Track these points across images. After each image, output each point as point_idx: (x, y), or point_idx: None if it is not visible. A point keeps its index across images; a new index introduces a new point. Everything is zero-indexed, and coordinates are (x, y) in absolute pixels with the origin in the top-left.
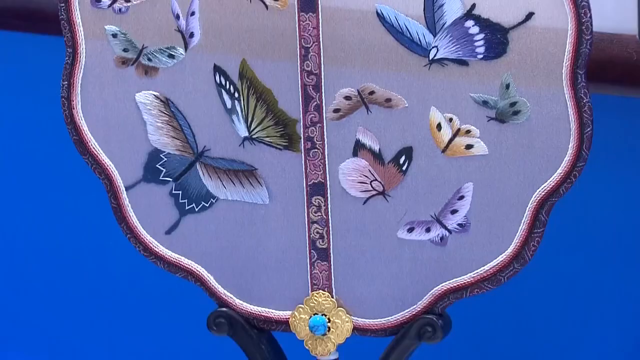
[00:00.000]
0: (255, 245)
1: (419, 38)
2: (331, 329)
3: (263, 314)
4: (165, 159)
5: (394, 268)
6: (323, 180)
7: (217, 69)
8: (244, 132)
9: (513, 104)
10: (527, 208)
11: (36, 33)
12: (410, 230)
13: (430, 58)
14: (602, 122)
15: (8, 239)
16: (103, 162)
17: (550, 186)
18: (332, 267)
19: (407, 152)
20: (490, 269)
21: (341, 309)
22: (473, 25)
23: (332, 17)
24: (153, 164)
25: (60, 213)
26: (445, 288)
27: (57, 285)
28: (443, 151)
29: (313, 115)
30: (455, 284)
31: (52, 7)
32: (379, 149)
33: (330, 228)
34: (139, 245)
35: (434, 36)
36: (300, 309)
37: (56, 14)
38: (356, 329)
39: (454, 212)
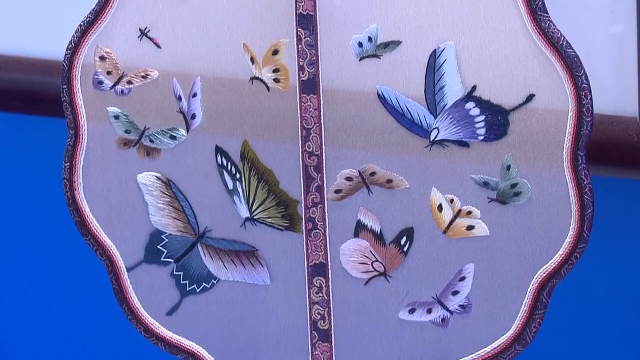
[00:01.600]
0: (257, 326)
1: (419, 119)
2: None
3: None
4: (167, 239)
5: (395, 349)
6: (324, 261)
7: (218, 150)
8: (245, 213)
9: (514, 186)
10: (529, 289)
11: (36, 115)
12: (412, 311)
13: (431, 139)
14: (603, 203)
15: (10, 320)
16: (104, 243)
17: (552, 268)
18: (333, 348)
19: (409, 233)
20: (491, 350)
21: None
22: (474, 107)
23: (333, 99)
24: (154, 245)
25: (61, 295)
26: None
27: None
28: (444, 232)
29: (314, 196)
30: None
31: (53, 89)
32: (380, 230)
33: (332, 309)
34: (140, 326)
35: (435, 118)
36: None
37: (57, 96)
38: None
39: (455, 293)
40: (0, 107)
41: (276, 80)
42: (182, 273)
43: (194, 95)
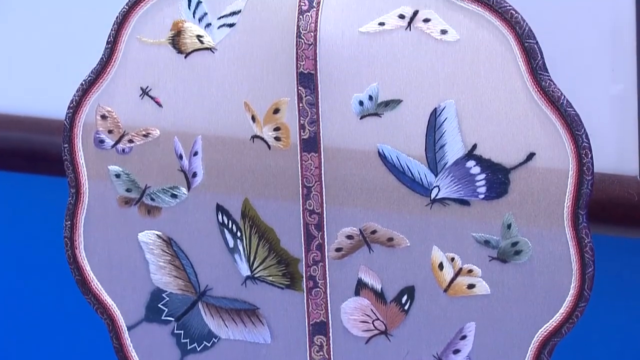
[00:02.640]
0: None
1: (420, 178)
2: None
3: None
4: (167, 298)
5: None
6: (325, 320)
7: (219, 208)
8: (246, 271)
9: (515, 244)
10: (530, 348)
11: (38, 174)
12: None
13: (431, 198)
14: (604, 262)
15: None
16: (105, 302)
17: (552, 326)
18: None
19: (409, 291)
20: None
21: None
22: (474, 166)
23: (334, 157)
24: (155, 303)
25: (63, 355)
26: None
27: None
28: (445, 291)
29: (315, 254)
30: None
31: (55, 148)
32: (381, 288)
33: None
34: None
35: (436, 176)
36: None
37: (58, 155)
38: None
39: (456, 352)
40: (1, 166)
41: (277, 138)
42: (182, 332)
43: (195, 153)
